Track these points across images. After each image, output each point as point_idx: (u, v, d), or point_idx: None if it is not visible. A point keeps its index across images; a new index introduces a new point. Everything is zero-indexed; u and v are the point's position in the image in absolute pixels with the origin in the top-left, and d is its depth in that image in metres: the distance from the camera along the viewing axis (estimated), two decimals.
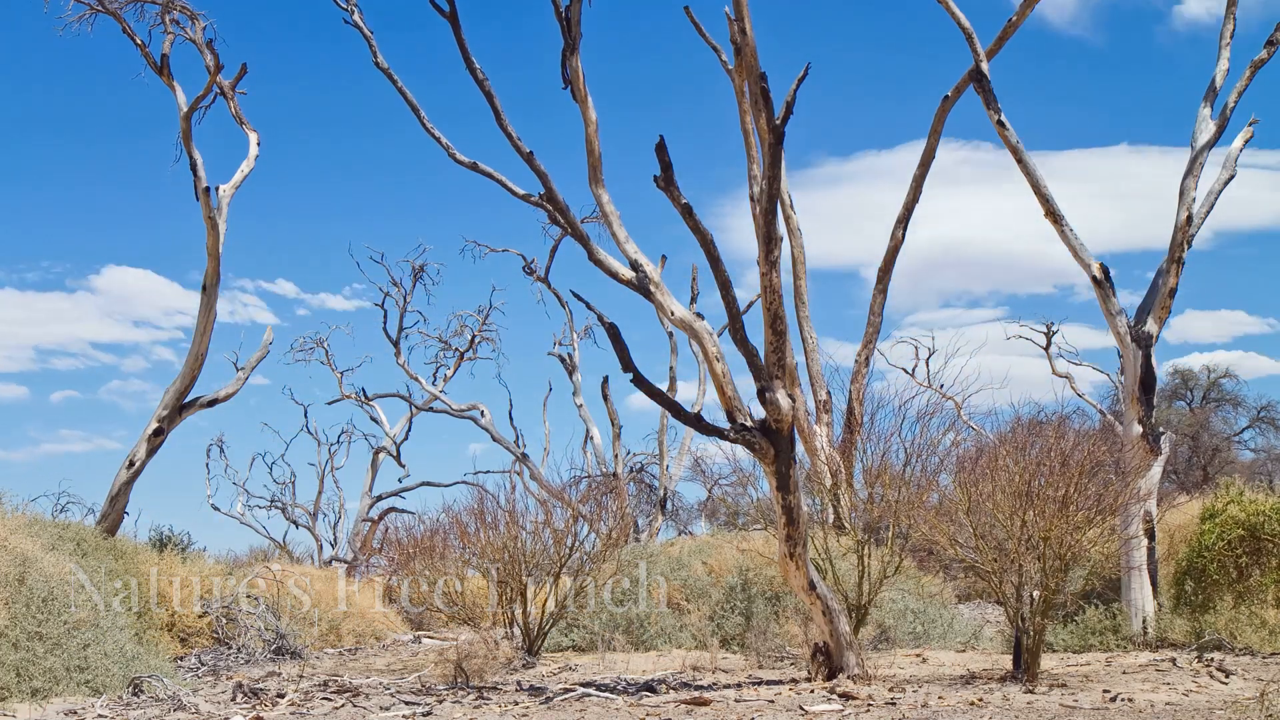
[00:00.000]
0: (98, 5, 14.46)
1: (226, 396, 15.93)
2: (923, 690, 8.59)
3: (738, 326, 9.43)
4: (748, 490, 16.59)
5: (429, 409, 28.59)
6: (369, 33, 12.74)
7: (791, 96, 8.94)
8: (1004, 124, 12.73)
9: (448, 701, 8.79)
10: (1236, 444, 33.15)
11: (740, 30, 9.38)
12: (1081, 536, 8.94)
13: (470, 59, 11.01)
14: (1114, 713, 7.29)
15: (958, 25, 13.45)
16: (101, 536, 13.15)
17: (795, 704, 8.01)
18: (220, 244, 14.89)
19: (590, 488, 18.87)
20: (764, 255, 9.19)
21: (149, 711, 8.43)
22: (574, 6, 10.31)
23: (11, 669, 8.60)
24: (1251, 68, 13.07)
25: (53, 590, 9.41)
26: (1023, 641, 9.01)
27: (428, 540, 14.11)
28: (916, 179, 17.51)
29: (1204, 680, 8.73)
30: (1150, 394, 12.27)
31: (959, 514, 9.50)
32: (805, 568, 9.22)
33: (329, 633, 14.87)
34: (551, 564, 12.61)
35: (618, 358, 9.38)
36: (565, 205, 11.30)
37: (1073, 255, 12.63)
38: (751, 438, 9.19)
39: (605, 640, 12.82)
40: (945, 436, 10.99)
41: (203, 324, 14.91)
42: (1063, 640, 11.44)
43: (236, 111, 16.02)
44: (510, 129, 10.89)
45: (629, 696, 8.77)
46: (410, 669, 11.73)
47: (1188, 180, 12.69)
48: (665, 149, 9.29)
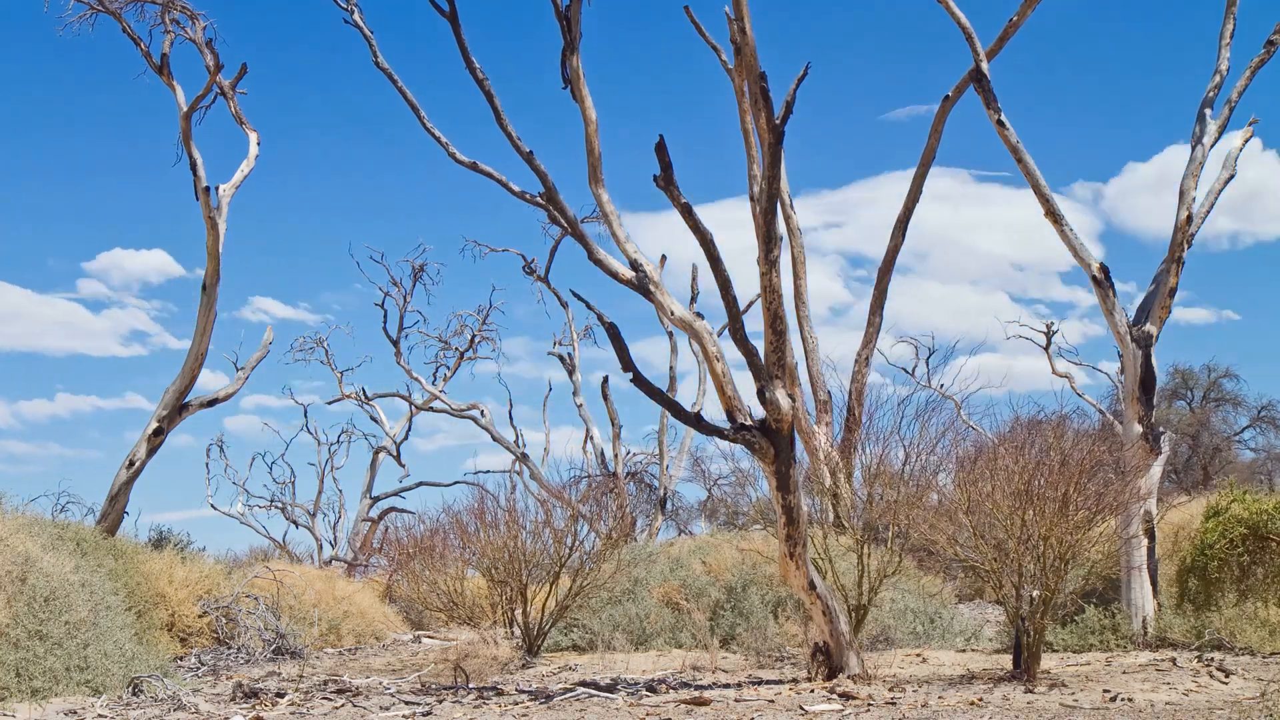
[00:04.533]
0: (98, 5, 14.47)
1: (226, 396, 15.95)
2: (923, 690, 8.59)
3: (738, 326, 9.43)
4: (747, 490, 16.61)
5: (429, 409, 28.61)
6: (369, 32, 12.74)
7: (791, 96, 8.94)
8: (1004, 124, 12.72)
9: (448, 701, 8.78)
10: (1236, 444, 33.17)
11: (740, 30, 9.38)
12: (1081, 536, 8.94)
13: (470, 59, 11.01)
14: (1114, 713, 7.29)
15: (958, 25, 13.44)
16: (101, 536, 13.15)
17: (795, 704, 8.01)
18: (220, 244, 14.90)
19: (590, 488, 18.89)
20: (764, 255, 9.19)
21: (149, 711, 8.43)
22: (574, 6, 10.31)
23: (11, 669, 8.60)
24: (1251, 68, 13.07)
25: (53, 590, 9.41)
26: (1023, 641, 9.00)
27: (428, 540, 14.13)
28: (916, 179, 17.52)
29: (1204, 680, 8.72)
30: (1150, 394, 12.27)
31: (958, 513, 9.49)
32: (805, 567, 9.22)
33: (329, 633, 14.87)
34: (551, 564, 12.61)
35: (618, 358, 9.38)
36: (565, 205, 11.30)
37: (1073, 255, 12.63)
38: (751, 437, 9.19)
39: (605, 640, 12.82)
40: (944, 436, 10.98)
41: (203, 324, 14.91)
42: (1063, 640, 11.43)
43: (236, 111, 16.03)
44: (510, 129, 10.89)
45: (629, 696, 8.77)
46: (410, 669, 11.73)
47: (1187, 180, 12.69)
48: (665, 149, 9.28)
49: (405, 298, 27.63)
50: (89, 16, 14.57)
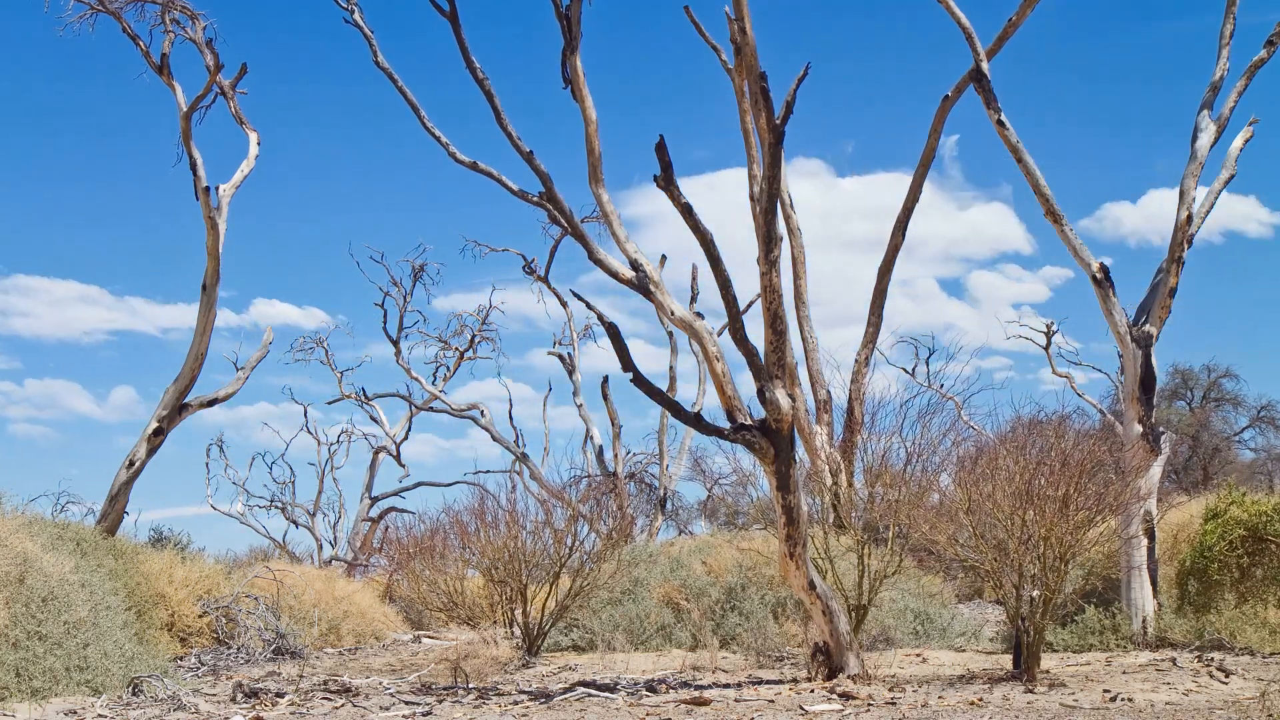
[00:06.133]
0: (98, 5, 14.46)
1: (226, 396, 15.94)
2: (923, 690, 8.59)
3: (738, 326, 9.43)
4: (747, 490, 16.60)
5: (429, 409, 28.61)
6: (369, 32, 12.73)
7: (791, 96, 8.94)
8: (1004, 123, 12.72)
9: (448, 701, 8.78)
10: (1236, 444, 33.16)
11: (740, 30, 9.38)
12: (1082, 536, 8.94)
13: (470, 58, 11.01)
14: (1114, 713, 7.28)
15: (958, 25, 13.44)
16: (101, 536, 13.15)
17: (795, 704, 8.01)
18: (220, 244, 14.90)
19: (590, 487, 18.89)
20: (764, 255, 9.19)
21: (149, 711, 8.42)
22: (574, 6, 10.31)
23: (11, 669, 8.59)
24: (1251, 68, 13.06)
25: (53, 590, 9.40)
26: (1023, 641, 9.00)
27: (428, 540, 14.13)
28: (916, 179, 17.51)
29: (1204, 680, 8.72)
30: (1150, 394, 12.26)
31: (959, 514, 9.49)
32: (805, 567, 9.22)
33: (329, 633, 14.87)
34: (551, 564, 12.61)
35: (618, 358, 9.38)
36: (565, 204, 11.30)
37: (1073, 255, 12.63)
38: (751, 437, 9.19)
39: (605, 640, 12.82)
40: (945, 436, 10.97)
41: (203, 324, 14.91)
42: (1063, 640, 11.43)
43: (236, 111, 16.02)
44: (510, 128, 10.88)
45: (629, 696, 8.77)
46: (410, 669, 11.73)
47: (1187, 180, 12.68)
48: (665, 149, 9.28)
49: (405, 298, 27.66)
50: (89, 16, 14.57)
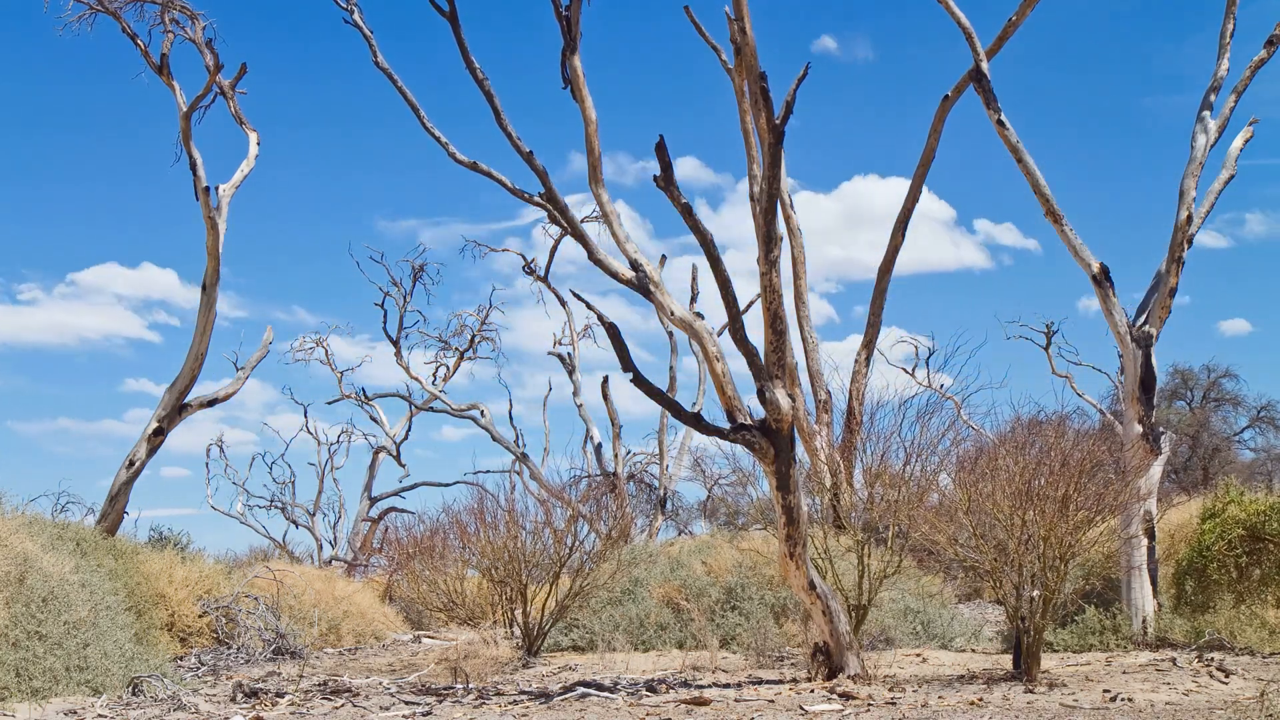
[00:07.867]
0: (97, 5, 14.46)
1: (226, 396, 15.94)
2: (923, 690, 8.59)
3: (738, 326, 9.43)
4: (747, 490, 16.59)
5: (429, 409, 28.61)
6: (369, 32, 12.73)
7: (791, 96, 8.94)
8: (1004, 123, 12.72)
9: (448, 701, 8.78)
10: (1236, 444, 33.16)
11: (740, 30, 9.38)
12: (1081, 536, 8.94)
13: (470, 59, 11.01)
14: (1114, 713, 7.29)
15: (957, 25, 13.44)
16: (101, 536, 13.15)
17: (795, 704, 8.01)
18: (220, 243, 14.90)
19: (590, 487, 18.90)
20: (764, 255, 9.19)
21: (149, 711, 8.42)
22: (574, 6, 10.31)
23: (11, 669, 8.59)
24: (1251, 68, 13.06)
25: (52, 590, 9.41)
26: (1023, 641, 9.00)
27: (428, 540, 14.13)
28: (916, 179, 17.51)
29: (1204, 680, 8.73)
30: (1150, 394, 12.27)
31: (959, 514, 9.49)
32: (805, 567, 9.22)
33: (329, 633, 14.87)
34: (551, 564, 12.61)
35: (618, 358, 9.38)
36: (565, 204, 11.30)
37: (1073, 255, 12.63)
38: (751, 437, 9.19)
39: (605, 640, 12.82)
40: (945, 436, 10.97)
41: (202, 323, 14.91)
42: (1063, 640, 11.43)
43: (236, 111, 16.02)
44: (510, 128, 10.88)
45: (629, 696, 8.77)
46: (410, 669, 11.73)
47: (1187, 180, 12.68)
48: (665, 149, 9.29)
49: (405, 298, 27.66)
50: (88, 16, 14.56)
